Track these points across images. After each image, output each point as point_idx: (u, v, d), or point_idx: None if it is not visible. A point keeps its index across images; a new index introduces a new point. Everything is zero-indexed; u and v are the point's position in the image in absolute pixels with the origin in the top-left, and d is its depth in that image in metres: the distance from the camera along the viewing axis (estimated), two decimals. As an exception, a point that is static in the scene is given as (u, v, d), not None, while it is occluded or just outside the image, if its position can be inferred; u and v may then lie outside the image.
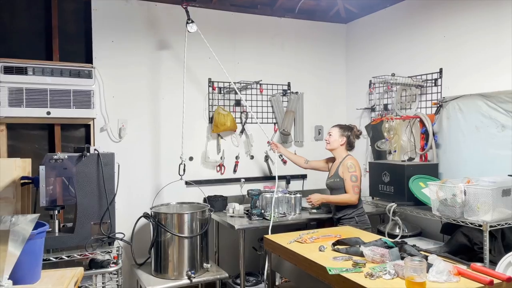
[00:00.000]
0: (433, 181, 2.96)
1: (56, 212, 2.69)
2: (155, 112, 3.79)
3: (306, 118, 4.40)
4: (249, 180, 4.12)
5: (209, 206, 3.31)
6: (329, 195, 3.34)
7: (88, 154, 2.68)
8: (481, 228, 2.49)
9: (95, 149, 2.74)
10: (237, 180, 4.09)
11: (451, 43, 3.38)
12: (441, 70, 3.47)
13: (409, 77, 3.65)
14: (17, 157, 2.78)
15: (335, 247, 2.28)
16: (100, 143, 3.50)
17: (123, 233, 2.86)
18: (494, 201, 2.45)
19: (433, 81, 3.53)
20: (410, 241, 2.38)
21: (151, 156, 3.78)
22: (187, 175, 3.54)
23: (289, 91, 4.32)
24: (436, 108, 3.47)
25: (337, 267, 1.96)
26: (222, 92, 4.02)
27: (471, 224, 2.56)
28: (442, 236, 3.27)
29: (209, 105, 3.98)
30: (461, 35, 3.30)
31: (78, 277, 1.90)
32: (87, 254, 2.65)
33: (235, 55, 4.10)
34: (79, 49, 3.56)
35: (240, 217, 3.46)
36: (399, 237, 3.15)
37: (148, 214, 3.12)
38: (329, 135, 3.37)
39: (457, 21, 3.33)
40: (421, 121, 3.52)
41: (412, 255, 1.97)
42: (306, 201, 3.44)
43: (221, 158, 4.02)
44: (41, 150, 3.42)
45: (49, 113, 3.25)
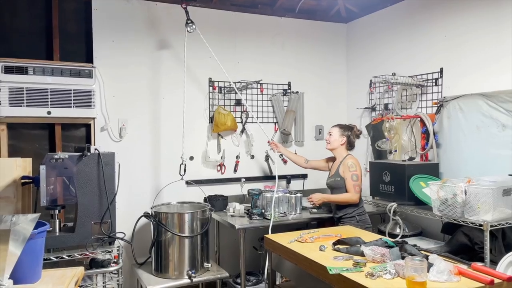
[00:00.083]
0: (433, 180, 2.96)
1: (56, 211, 2.69)
2: (156, 111, 3.79)
3: (306, 117, 4.40)
4: (249, 179, 4.12)
5: (210, 205, 3.31)
6: (330, 195, 3.34)
7: (88, 153, 2.68)
8: (481, 227, 2.49)
9: (96, 149, 2.74)
10: (238, 179, 4.09)
11: (452, 42, 3.38)
12: (441, 69, 3.47)
13: (409, 76, 3.65)
14: (18, 156, 2.78)
15: (336, 246, 2.28)
16: (100, 143, 3.50)
17: (123, 233, 2.86)
18: (494, 201, 2.44)
19: (434, 81, 3.53)
20: (410, 241, 2.38)
21: (152, 155, 3.78)
22: (187, 175, 3.54)
23: (289, 91, 4.32)
24: (436, 107, 3.47)
25: (338, 267, 1.96)
26: (222, 91, 4.02)
27: (472, 223, 2.55)
28: (442, 235, 3.27)
29: (209, 105, 3.98)
30: (461, 34, 3.30)
31: (78, 277, 1.90)
32: (87, 253, 2.65)
33: (235, 54, 4.09)
34: (79, 49, 3.56)
35: (240, 216, 3.46)
36: (399, 236, 3.15)
37: (148, 213, 3.12)
38: (329, 135, 3.38)
39: (458, 20, 3.33)
40: (422, 121, 3.52)
41: (412, 255, 1.97)
42: (307, 200, 3.44)
43: (222, 157, 4.02)
44: (41, 149, 3.43)
45: (49, 113, 3.25)
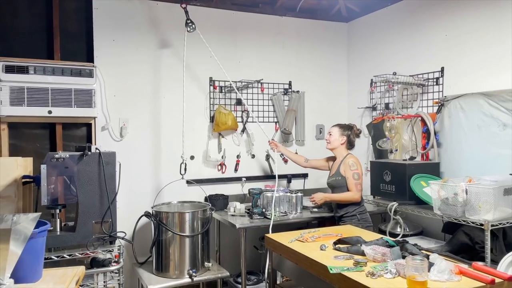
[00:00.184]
0: (434, 180, 2.95)
1: (57, 211, 2.69)
2: (156, 111, 3.79)
3: (307, 117, 4.40)
4: (250, 179, 4.12)
5: (210, 205, 3.31)
6: (332, 194, 3.34)
7: (89, 153, 2.68)
8: (482, 227, 2.49)
9: (97, 148, 2.74)
10: (238, 179, 4.08)
11: (453, 42, 3.37)
12: (442, 69, 3.46)
13: (410, 76, 3.64)
14: (19, 156, 2.78)
15: (336, 246, 2.27)
16: (101, 142, 3.51)
17: (124, 232, 2.86)
18: (495, 200, 2.44)
19: (435, 80, 3.52)
20: (411, 240, 2.38)
21: (152, 155, 3.78)
22: (188, 174, 3.54)
23: (290, 90, 4.32)
24: (437, 107, 3.46)
25: (338, 266, 1.96)
26: (223, 91, 4.02)
27: (473, 223, 2.55)
28: (443, 235, 3.27)
29: (210, 104, 3.98)
30: (462, 33, 3.29)
31: (79, 276, 1.90)
32: (88, 253, 2.66)
33: (236, 53, 4.09)
34: (80, 48, 3.56)
35: (241, 216, 3.46)
36: (400, 236, 3.15)
37: (149, 213, 3.12)
38: (329, 134, 3.39)
39: (459, 20, 3.32)
40: (423, 120, 3.52)
41: (413, 254, 1.97)
42: (309, 200, 3.44)
43: (222, 157, 4.02)
44: (42, 149, 3.43)
45: (50, 112, 3.25)
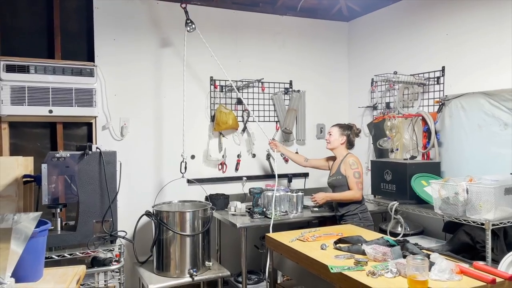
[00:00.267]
0: (435, 179, 2.95)
1: (58, 210, 2.69)
2: (157, 110, 3.79)
3: (308, 116, 4.40)
4: (251, 178, 4.12)
5: (211, 204, 3.31)
6: (333, 193, 3.34)
7: (90, 152, 2.69)
8: (483, 226, 2.48)
9: (97, 148, 2.74)
10: (239, 178, 4.08)
11: (454, 41, 3.37)
12: (443, 68, 3.46)
13: (411, 75, 3.64)
14: (20, 155, 2.78)
15: (337, 245, 2.27)
16: (102, 142, 3.51)
17: (125, 231, 2.87)
18: (496, 200, 2.44)
19: (436, 79, 3.52)
20: (412, 240, 2.38)
21: (153, 154, 3.78)
22: (189, 174, 3.54)
23: (291, 89, 4.31)
24: (438, 106, 3.46)
25: (339, 266, 1.96)
26: (224, 90, 4.02)
27: (473, 222, 2.55)
28: (444, 234, 3.26)
29: (210, 103, 3.98)
30: (463, 33, 3.29)
31: (80, 275, 1.90)
32: (89, 252, 2.66)
33: (237, 53, 4.09)
34: (81, 48, 3.56)
35: (242, 215, 3.46)
36: (401, 235, 3.16)
37: (150, 212, 3.13)
38: (329, 134, 3.40)
39: (459, 19, 3.32)
40: (423, 120, 3.51)
41: (414, 254, 1.97)
42: (310, 200, 3.44)
43: (223, 156, 4.02)
44: (43, 148, 3.43)
45: (51, 112, 3.25)
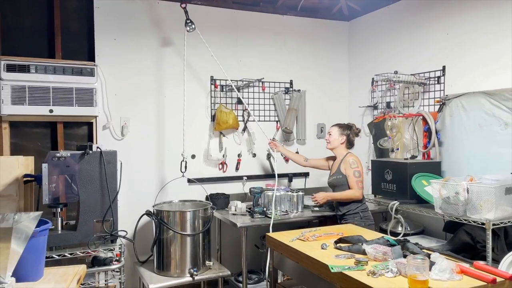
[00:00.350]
0: (435, 179, 2.95)
1: (59, 209, 2.69)
2: (158, 110, 3.80)
3: (308, 116, 4.39)
4: (251, 178, 4.12)
5: (212, 204, 3.31)
6: (334, 192, 3.34)
7: (90, 152, 2.69)
8: (484, 226, 2.48)
9: (98, 147, 2.74)
10: (239, 178, 4.08)
11: (454, 40, 3.37)
12: (444, 67, 3.46)
13: (411, 74, 3.64)
14: (20, 155, 2.78)
15: (338, 245, 2.27)
16: (102, 141, 3.51)
17: (125, 231, 2.87)
18: (497, 199, 2.44)
19: (436, 79, 3.52)
20: (412, 239, 2.38)
21: (154, 154, 3.78)
22: (189, 173, 3.54)
23: (291, 89, 4.31)
24: (439, 106, 3.46)
25: (339, 265, 1.96)
26: (224, 90, 4.02)
27: (474, 222, 2.55)
28: (444, 234, 3.26)
29: (211, 103, 3.98)
30: (464, 32, 3.29)
31: (80, 275, 1.90)
32: (89, 251, 2.66)
33: (237, 52, 4.09)
34: (81, 47, 3.56)
35: (242, 215, 3.46)
36: (401, 235, 3.15)
37: (150, 211, 3.13)
38: (329, 134, 3.40)
39: (460, 18, 3.31)
40: (424, 119, 3.51)
41: (414, 253, 1.97)
42: (311, 199, 3.44)
43: (223, 156, 4.02)
44: (43, 148, 3.43)
45: (51, 111, 3.25)
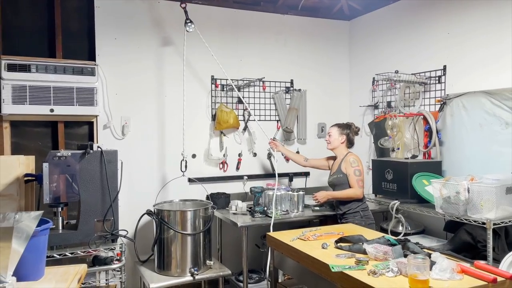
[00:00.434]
0: (436, 178, 2.95)
1: (59, 209, 2.69)
2: (158, 109, 3.80)
3: (309, 115, 4.39)
4: (252, 177, 4.12)
5: (212, 203, 3.31)
6: (335, 191, 3.34)
7: (91, 151, 2.69)
8: (484, 225, 2.48)
9: (98, 147, 2.74)
10: (240, 177, 4.08)
11: (455, 40, 3.36)
12: (445, 67, 3.45)
13: (412, 74, 3.63)
14: (21, 154, 2.79)
15: (338, 244, 2.28)
16: (103, 141, 3.51)
17: (126, 230, 2.87)
18: (497, 199, 2.44)
19: (437, 78, 3.51)
20: (413, 239, 2.38)
21: (154, 153, 3.78)
22: (190, 173, 3.55)
23: (292, 88, 4.31)
24: (439, 105, 3.45)
25: (340, 265, 1.96)
26: (225, 89, 4.02)
27: (475, 221, 2.55)
28: (445, 233, 3.26)
29: (212, 102, 3.98)
30: (464, 32, 3.28)
31: (81, 274, 1.90)
32: (90, 251, 2.66)
33: (238, 51, 4.09)
34: (82, 47, 3.56)
35: (243, 214, 3.46)
36: (402, 234, 3.15)
37: (151, 211, 3.13)
38: (329, 135, 3.40)
39: (461, 18, 3.31)
40: (425, 119, 3.51)
41: (415, 253, 1.97)
42: (312, 198, 3.44)
43: (224, 155, 4.02)
44: (44, 147, 3.44)
45: (52, 111, 3.26)
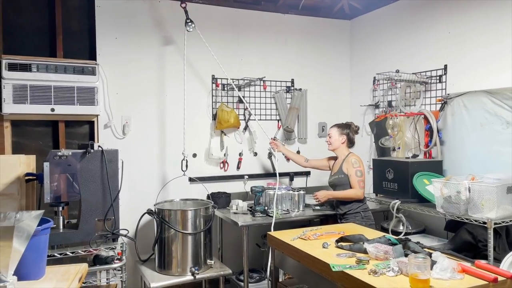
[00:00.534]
0: (437, 178, 2.95)
1: (60, 208, 2.69)
2: (159, 108, 3.80)
3: (309, 115, 4.39)
4: (252, 177, 4.12)
5: (213, 202, 3.31)
6: (336, 191, 3.34)
7: (92, 150, 2.69)
8: (485, 225, 2.48)
9: (99, 146, 2.75)
10: (241, 177, 4.08)
11: (456, 39, 3.36)
12: (445, 66, 3.45)
13: (413, 73, 3.63)
14: (22, 153, 2.79)
15: (339, 244, 2.28)
16: (104, 140, 3.51)
17: (127, 230, 2.87)
18: (498, 198, 2.44)
19: (438, 78, 3.51)
20: (414, 238, 2.38)
21: (155, 152, 3.78)
22: (190, 172, 3.55)
23: (292, 88, 4.31)
24: (440, 104, 3.45)
25: (341, 264, 1.96)
26: (225, 88, 4.02)
27: (476, 221, 2.55)
28: (446, 233, 3.26)
29: (212, 102, 3.98)
30: (465, 31, 3.28)
31: (82, 273, 1.90)
32: (91, 250, 2.66)
33: (238, 51, 4.09)
34: (83, 46, 3.57)
35: (243, 213, 3.46)
36: (402, 234, 3.15)
37: (152, 210, 3.13)
38: (329, 136, 3.40)
39: (462, 17, 3.31)
40: (426, 118, 3.50)
41: (416, 252, 1.97)
42: (312, 198, 3.44)
43: (225, 154, 4.02)
44: (45, 146, 3.44)
45: (53, 110, 3.26)
